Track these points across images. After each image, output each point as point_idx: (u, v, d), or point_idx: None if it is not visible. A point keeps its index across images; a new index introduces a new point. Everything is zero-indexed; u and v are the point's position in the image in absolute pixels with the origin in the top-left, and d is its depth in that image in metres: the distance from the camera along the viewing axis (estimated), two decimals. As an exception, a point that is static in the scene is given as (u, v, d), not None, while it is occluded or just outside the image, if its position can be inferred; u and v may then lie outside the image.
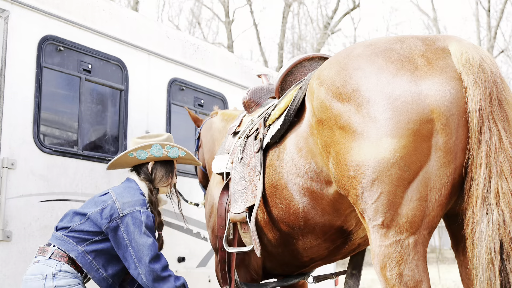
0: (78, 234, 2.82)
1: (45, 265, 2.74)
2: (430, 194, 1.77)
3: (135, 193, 2.93)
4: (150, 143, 3.03)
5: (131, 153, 3.05)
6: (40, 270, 2.72)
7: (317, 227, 2.40)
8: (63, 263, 2.75)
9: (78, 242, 2.81)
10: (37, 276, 2.71)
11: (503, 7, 21.02)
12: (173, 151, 3.08)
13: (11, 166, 3.31)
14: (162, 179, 3.11)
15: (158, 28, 4.60)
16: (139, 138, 3.14)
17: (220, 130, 3.69)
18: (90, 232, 2.83)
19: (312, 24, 22.40)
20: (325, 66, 2.15)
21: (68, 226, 2.85)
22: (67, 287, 2.71)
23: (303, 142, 2.30)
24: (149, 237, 2.81)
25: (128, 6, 19.52)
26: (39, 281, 2.69)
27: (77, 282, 2.77)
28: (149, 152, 3.03)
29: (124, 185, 3.02)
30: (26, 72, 3.49)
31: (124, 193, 2.91)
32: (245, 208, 2.61)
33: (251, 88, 3.20)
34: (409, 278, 1.78)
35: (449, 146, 1.75)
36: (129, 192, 2.93)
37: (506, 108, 1.76)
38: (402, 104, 1.79)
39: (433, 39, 1.95)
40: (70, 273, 2.75)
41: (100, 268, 2.84)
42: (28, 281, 2.72)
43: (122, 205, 2.84)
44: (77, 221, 2.85)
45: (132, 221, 2.80)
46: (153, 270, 2.75)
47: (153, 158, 3.07)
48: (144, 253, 2.76)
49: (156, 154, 3.05)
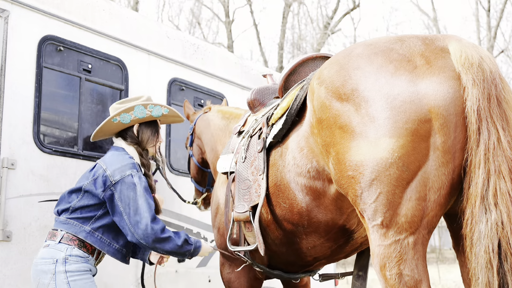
0: (81, 212, 2.81)
1: (55, 250, 2.73)
2: (429, 194, 1.77)
3: (124, 158, 2.89)
4: (133, 105, 2.99)
5: (115, 119, 2.98)
6: (50, 254, 2.72)
7: (321, 226, 2.40)
8: (74, 246, 2.75)
9: (84, 222, 2.80)
10: (48, 260, 2.71)
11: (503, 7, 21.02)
12: (156, 109, 3.04)
13: (11, 166, 3.31)
14: (149, 139, 3.06)
15: (158, 28, 4.61)
16: (118, 104, 3.08)
17: (221, 128, 3.68)
18: (91, 207, 2.82)
19: (312, 24, 22.41)
20: (326, 66, 2.15)
21: (68, 208, 2.83)
22: (77, 273, 2.71)
23: (304, 142, 2.31)
24: (146, 199, 2.77)
25: (128, 6, 19.53)
26: (50, 265, 2.69)
27: (88, 268, 2.78)
28: (132, 115, 2.98)
29: (111, 153, 2.98)
30: (26, 72, 3.50)
31: (112, 160, 2.87)
32: (249, 207, 2.62)
33: (256, 88, 3.20)
34: (408, 278, 1.78)
35: (447, 146, 1.75)
36: (117, 158, 2.89)
37: (505, 108, 1.76)
38: (400, 103, 1.79)
39: (432, 39, 1.95)
40: (82, 257, 2.75)
41: (111, 241, 2.85)
42: (39, 265, 2.72)
43: (113, 172, 2.80)
44: (75, 199, 2.83)
45: (126, 186, 2.77)
46: (153, 230, 2.71)
47: (137, 120, 3.01)
48: (142, 215, 2.73)
49: (140, 115, 3.00)
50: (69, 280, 2.68)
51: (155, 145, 3.11)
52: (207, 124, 3.81)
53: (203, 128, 3.84)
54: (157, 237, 2.73)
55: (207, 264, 4.61)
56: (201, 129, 3.86)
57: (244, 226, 2.70)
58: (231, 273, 3.05)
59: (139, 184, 2.80)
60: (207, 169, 3.92)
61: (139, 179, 2.81)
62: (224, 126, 3.67)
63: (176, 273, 4.28)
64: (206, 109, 3.96)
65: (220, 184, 3.18)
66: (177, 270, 4.31)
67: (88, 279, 2.76)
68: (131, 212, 2.74)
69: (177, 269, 4.31)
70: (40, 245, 3.40)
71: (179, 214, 4.39)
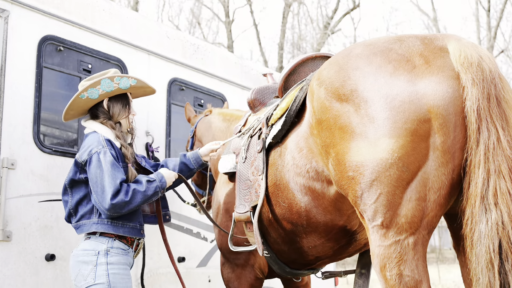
0: (81, 208, 2.86)
1: (97, 242, 2.80)
2: (429, 194, 1.76)
3: (91, 138, 2.89)
4: (99, 79, 2.96)
5: (82, 95, 2.95)
6: (92, 246, 2.79)
7: (320, 226, 2.40)
8: (114, 238, 2.83)
9: (89, 216, 2.84)
10: (90, 252, 2.77)
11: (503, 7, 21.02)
12: (123, 81, 2.99)
13: (11, 166, 3.31)
14: (120, 112, 3.04)
15: (158, 28, 4.61)
16: (86, 81, 3.05)
17: (222, 130, 3.68)
18: (84, 197, 2.87)
19: (312, 24, 22.40)
20: (325, 67, 2.15)
21: (69, 211, 2.90)
22: (117, 265, 2.79)
23: (303, 142, 2.31)
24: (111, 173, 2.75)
25: (128, 6, 19.52)
26: (92, 256, 2.76)
27: (128, 262, 2.87)
28: (100, 89, 2.95)
29: (85, 138, 2.99)
30: (26, 72, 3.50)
31: (81, 147, 2.92)
32: (250, 207, 2.63)
33: (256, 87, 3.19)
34: (409, 279, 1.78)
35: (446, 145, 1.75)
36: (86, 142, 2.90)
37: (504, 107, 1.75)
38: (399, 103, 1.79)
39: (432, 38, 1.94)
40: (123, 250, 2.84)
41: (124, 221, 2.88)
42: (80, 256, 2.78)
43: (81, 155, 2.84)
44: (68, 199, 2.90)
45: (93, 164, 2.78)
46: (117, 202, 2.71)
47: (105, 95, 2.98)
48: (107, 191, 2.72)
49: (108, 89, 2.96)
50: (109, 272, 2.75)
51: (127, 117, 3.07)
52: (208, 127, 3.81)
53: (204, 130, 3.84)
54: (123, 202, 2.72)
55: (207, 264, 4.61)
56: (202, 131, 3.86)
57: (246, 226, 2.71)
58: (232, 272, 3.06)
59: (104, 160, 2.77)
60: (208, 172, 3.91)
61: (104, 154, 2.79)
62: (225, 128, 3.66)
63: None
64: (207, 112, 3.96)
65: (221, 184, 3.18)
66: (177, 270, 4.30)
67: (125, 274, 2.84)
68: (99, 189, 2.75)
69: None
70: (40, 245, 3.41)
71: (179, 214, 4.39)
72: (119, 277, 2.78)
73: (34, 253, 3.38)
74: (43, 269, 3.41)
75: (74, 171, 2.88)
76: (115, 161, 2.80)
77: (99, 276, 2.72)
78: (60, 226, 3.53)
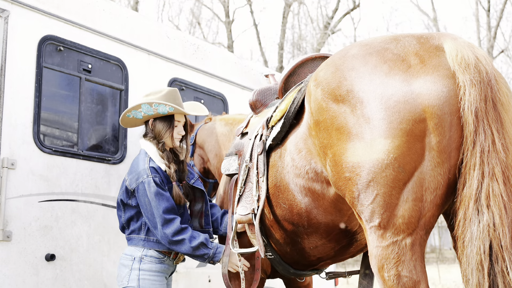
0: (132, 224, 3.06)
1: (134, 248, 3.04)
2: (426, 195, 1.77)
3: (139, 163, 3.06)
4: (139, 103, 3.13)
5: (128, 114, 3.19)
6: (131, 252, 3.04)
7: (321, 227, 2.41)
8: (149, 248, 3.03)
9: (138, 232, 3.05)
10: (128, 257, 3.03)
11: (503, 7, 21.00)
12: (161, 107, 3.13)
13: (11, 166, 3.32)
14: (163, 132, 3.16)
15: (158, 28, 4.61)
16: (145, 96, 3.22)
17: (225, 134, 3.67)
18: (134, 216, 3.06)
19: (312, 24, 22.39)
20: (322, 68, 2.16)
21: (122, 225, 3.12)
22: (149, 272, 2.99)
23: (302, 143, 2.31)
24: (157, 204, 2.93)
25: (128, 6, 19.52)
26: (129, 261, 3.02)
27: (162, 269, 3.04)
28: (142, 112, 3.14)
29: (134, 159, 3.17)
30: (26, 72, 3.50)
31: (131, 167, 3.10)
32: (251, 209, 2.63)
33: (257, 88, 3.19)
34: (407, 279, 1.78)
35: (442, 145, 1.75)
36: (136, 164, 3.08)
37: (500, 110, 1.75)
38: (394, 104, 1.78)
39: (428, 37, 1.93)
40: (156, 258, 3.03)
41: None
42: (122, 259, 3.06)
43: (130, 182, 3.03)
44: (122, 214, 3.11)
45: (140, 193, 2.97)
46: (165, 234, 2.90)
47: (148, 117, 3.16)
48: (155, 220, 2.92)
49: (149, 113, 3.14)
50: (140, 277, 2.97)
51: (170, 137, 3.18)
52: (209, 133, 3.79)
53: (206, 136, 3.82)
54: (170, 240, 2.91)
55: (207, 264, 4.61)
56: (203, 138, 3.84)
57: (248, 228, 2.71)
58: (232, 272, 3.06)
59: (149, 191, 2.95)
60: (209, 179, 3.91)
61: (148, 185, 2.95)
62: (228, 132, 3.65)
63: (176, 273, 4.28)
64: (207, 120, 3.94)
65: (224, 186, 3.19)
66: (177, 270, 4.31)
67: (157, 280, 3.01)
68: (149, 216, 2.96)
69: (177, 269, 4.31)
70: (40, 245, 3.42)
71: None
72: (149, 282, 2.98)
73: (34, 253, 3.39)
74: (43, 269, 3.42)
75: (125, 195, 3.06)
76: (159, 189, 2.97)
77: (132, 279, 2.97)
78: (60, 226, 3.54)
